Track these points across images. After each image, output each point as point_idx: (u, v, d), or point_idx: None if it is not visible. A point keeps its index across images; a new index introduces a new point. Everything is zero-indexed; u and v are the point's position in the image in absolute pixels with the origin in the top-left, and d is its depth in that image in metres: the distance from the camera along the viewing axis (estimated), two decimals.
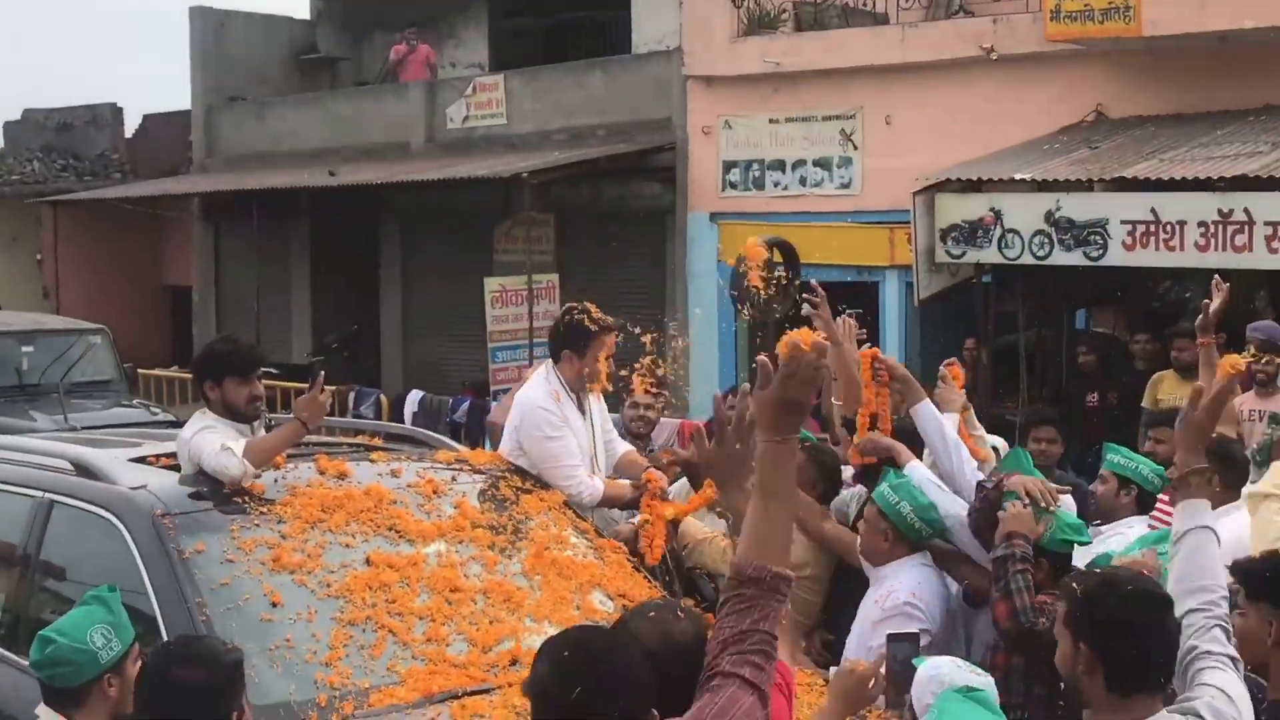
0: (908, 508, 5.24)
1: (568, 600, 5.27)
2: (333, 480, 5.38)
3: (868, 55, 14.29)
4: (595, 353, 6.06)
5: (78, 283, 23.23)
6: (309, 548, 5.05)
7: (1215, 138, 11.46)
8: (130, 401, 15.00)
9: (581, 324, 6.06)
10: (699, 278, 15.93)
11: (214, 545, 4.99)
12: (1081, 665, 3.44)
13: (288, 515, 5.14)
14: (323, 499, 5.23)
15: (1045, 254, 11.17)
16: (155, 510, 5.02)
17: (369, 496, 5.31)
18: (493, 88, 18.65)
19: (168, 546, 4.88)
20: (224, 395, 5.41)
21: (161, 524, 4.96)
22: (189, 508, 5.13)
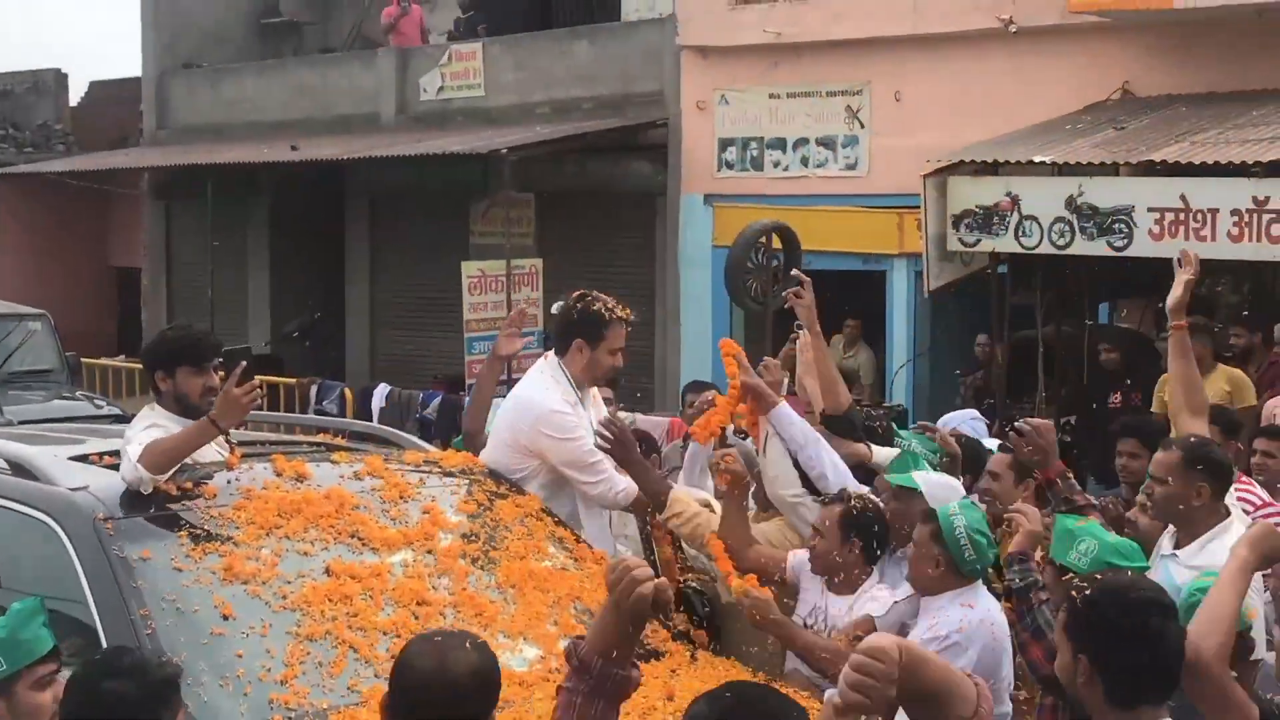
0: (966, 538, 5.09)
1: (544, 615, 5.26)
2: (291, 483, 5.35)
3: (877, 25, 14.31)
4: (609, 344, 6.05)
5: (16, 264, 23.17)
6: (264, 556, 5.03)
7: (1251, 119, 11.46)
8: (73, 393, 14.98)
9: (598, 311, 6.05)
10: (692, 264, 15.94)
11: (160, 552, 4.96)
12: (1081, 677, 3.50)
13: (241, 520, 5.11)
14: (279, 503, 5.20)
15: (1066, 243, 11.17)
16: (97, 514, 4.97)
17: (330, 501, 5.28)
18: (470, 56, 18.63)
19: (110, 553, 4.83)
20: (176, 387, 5.39)
21: (103, 529, 4.91)
22: (133, 511, 5.08)
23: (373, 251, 20.33)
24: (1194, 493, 5.29)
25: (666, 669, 5.26)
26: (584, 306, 6.10)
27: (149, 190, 22.68)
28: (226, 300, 20.79)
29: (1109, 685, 3.48)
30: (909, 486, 5.49)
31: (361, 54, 20.88)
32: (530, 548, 5.56)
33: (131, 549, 4.90)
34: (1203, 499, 5.30)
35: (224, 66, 22.17)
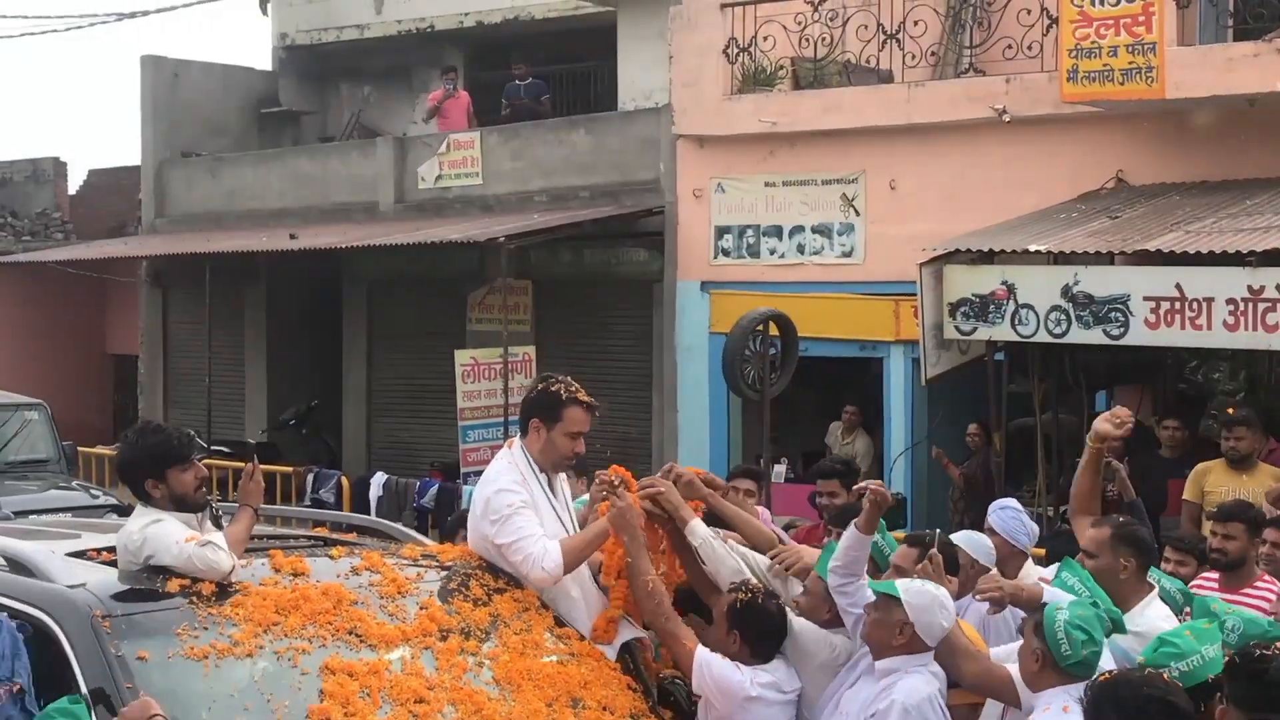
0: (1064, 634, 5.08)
1: (543, 713, 5.24)
2: (288, 578, 5.34)
3: (871, 115, 14.39)
4: (566, 427, 5.92)
5: (14, 352, 23.18)
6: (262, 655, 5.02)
7: (1245, 208, 11.50)
8: (69, 483, 14.96)
9: (555, 393, 5.96)
10: (689, 350, 15.94)
11: (158, 651, 4.93)
12: None
13: (239, 618, 5.10)
14: (277, 600, 5.19)
15: (1062, 331, 11.18)
16: (95, 611, 4.95)
17: (327, 597, 5.26)
18: (468, 145, 18.74)
19: (107, 652, 4.82)
20: (170, 489, 5.40)
21: (101, 626, 4.89)
22: (131, 609, 5.05)
23: (370, 339, 20.35)
24: (1120, 566, 5.88)
25: None
26: (543, 388, 6.05)
27: (147, 278, 22.73)
28: (223, 387, 20.82)
29: None
30: (891, 594, 5.45)
31: (360, 143, 21.00)
32: (529, 643, 5.52)
33: (129, 647, 4.88)
34: (1128, 572, 5.88)
35: (223, 155, 22.29)
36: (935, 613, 5.38)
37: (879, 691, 5.38)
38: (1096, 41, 12.06)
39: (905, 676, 5.36)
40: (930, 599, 5.44)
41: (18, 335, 23.54)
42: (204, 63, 23.34)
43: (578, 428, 5.96)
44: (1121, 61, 11.99)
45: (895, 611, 5.39)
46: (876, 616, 5.49)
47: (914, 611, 5.36)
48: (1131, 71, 11.97)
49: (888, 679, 5.39)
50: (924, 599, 5.42)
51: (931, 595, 5.47)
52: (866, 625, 5.55)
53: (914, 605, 5.37)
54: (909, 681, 5.33)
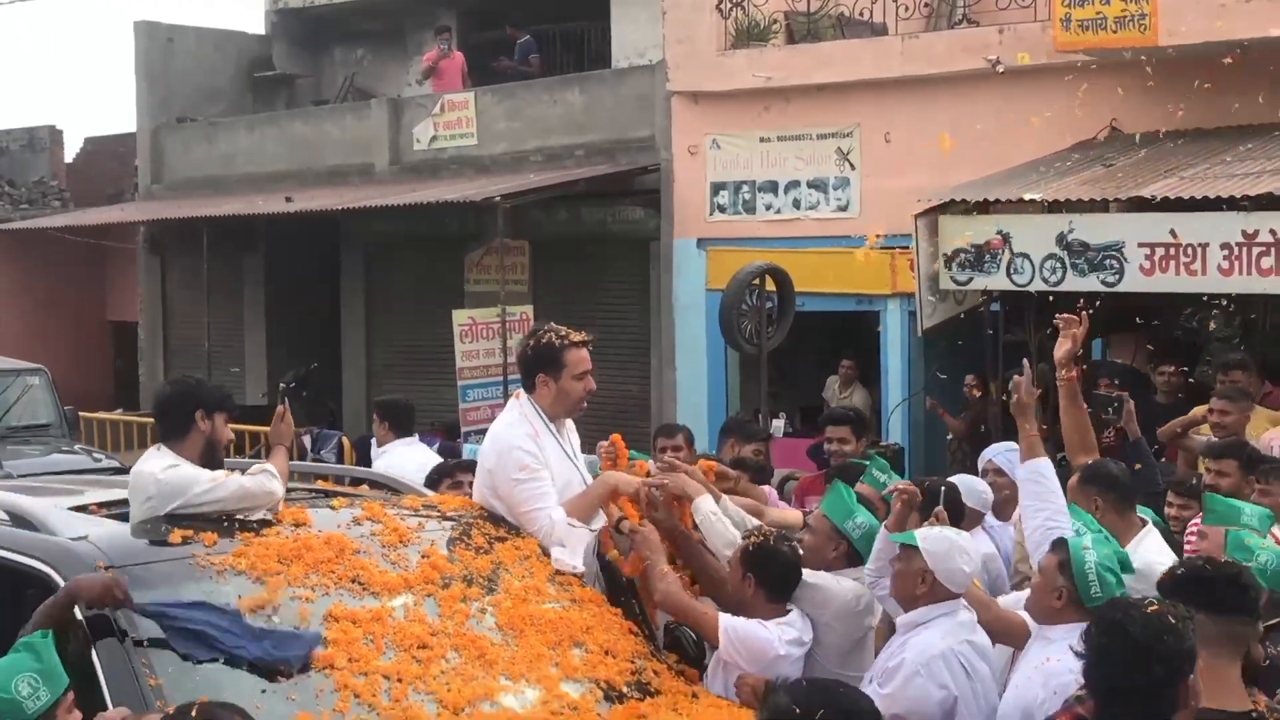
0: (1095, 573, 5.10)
1: (545, 657, 5.25)
2: (290, 529, 5.35)
3: (865, 69, 14.39)
4: (571, 371, 5.98)
5: (14, 319, 23.19)
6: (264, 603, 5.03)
7: (1238, 154, 11.52)
8: (71, 447, 14.99)
9: (549, 343, 6.00)
10: (686, 308, 15.96)
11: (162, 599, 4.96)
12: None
13: (242, 566, 5.12)
14: (279, 549, 5.19)
15: (1058, 280, 11.20)
16: (97, 563, 4.97)
17: (329, 546, 5.27)
18: (462, 106, 18.71)
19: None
20: (214, 430, 5.47)
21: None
22: (134, 560, 5.06)
23: (368, 301, 20.37)
24: (1092, 506, 6.05)
25: (668, 705, 5.26)
26: (536, 341, 6.06)
27: (145, 244, 22.72)
28: (223, 352, 20.83)
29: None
30: (910, 544, 5.48)
31: (354, 105, 20.97)
32: (531, 590, 5.53)
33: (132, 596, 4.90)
34: (1101, 510, 6.05)
35: (218, 120, 22.25)
36: (955, 558, 5.38)
37: (896, 646, 5.39)
38: None
39: (923, 631, 5.35)
40: (949, 545, 5.45)
41: (17, 303, 23.54)
42: (197, 28, 23.29)
43: (583, 368, 6.01)
44: (1114, 9, 12.00)
45: (915, 561, 5.40)
46: (899, 568, 5.51)
47: (933, 559, 5.36)
48: (1124, 19, 11.98)
49: (908, 634, 5.39)
50: (942, 545, 5.43)
51: (950, 541, 5.48)
52: (893, 580, 5.56)
53: (932, 553, 5.38)
54: (922, 638, 5.32)
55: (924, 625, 5.37)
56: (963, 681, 5.24)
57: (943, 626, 5.34)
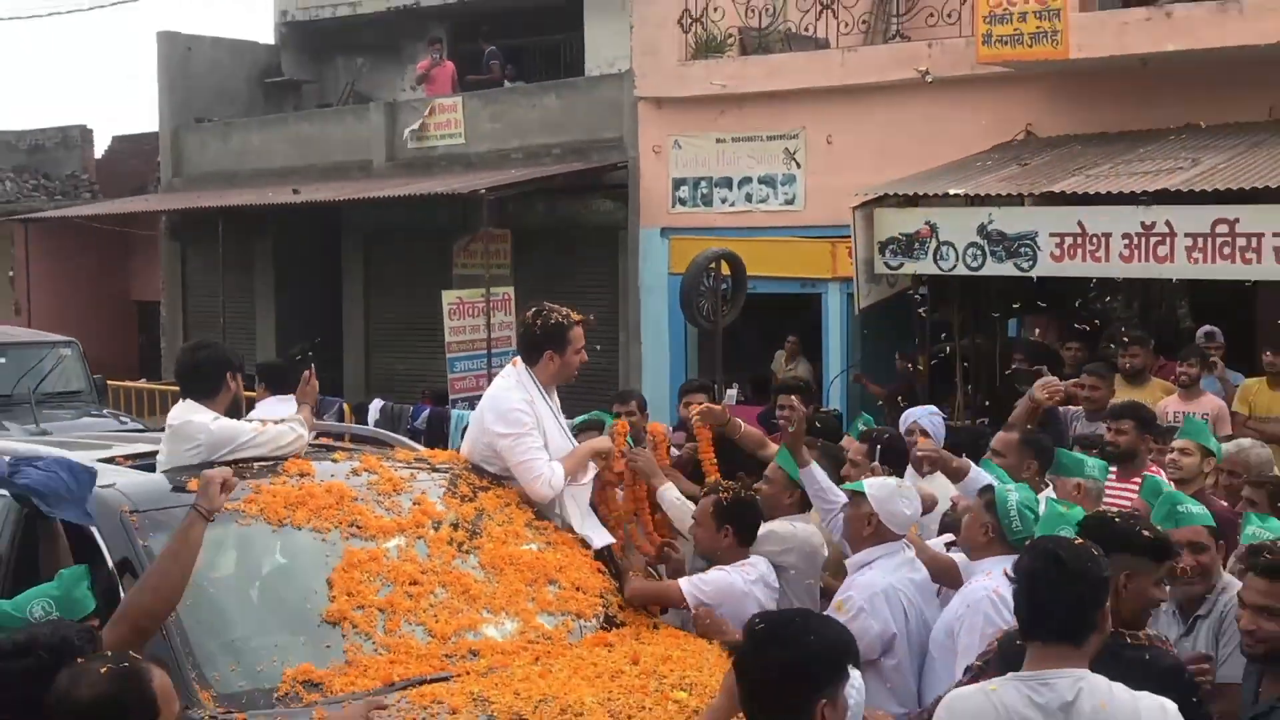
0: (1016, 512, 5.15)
1: (523, 593, 5.27)
2: (295, 478, 5.34)
3: (809, 78, 14.37)
4: (574, 347, 6.02)
5: (49, 298, 23.05)
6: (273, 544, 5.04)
7: (1138, 154, 11.54)
8: (100, 411, 14.90)
9: (557, 322, 6.01)
10: (651, 290, 15.96)
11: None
12: None
13: (252, 512, 5.11)
14: (286, 496, 5.19)
15: (978, 265, 11.21)
16: (123, 507, 4.96)
17: (330, 494, 5.26)
18: (451, 109, 18.63)
19: (135, 542, 4.83)
20: (239, 388, 5.56)
21: (129, 521, 4.90)
22: (156, 505, 5.05)
23: (366, 283, 20.29)
24: (1024, 466, 6.27)
25: (631, 635, 5.28)
26: (544, 320, 6.04)
27: (166, 231, 22.59)
28: (236, 328, 20.71)
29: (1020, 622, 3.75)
30: (858, 491, 5.51)
31: (355, 108, 20.85)
32: (510, 533, 5.54)
33: (154, 538, 4.88)
34: (1030, 472, 6.25)
35: (232, 121, 22.10)
36: (896, 501, 5.41)
37: (845, 584, 5.40)
38: (1008, 8, 12.06)
39: (868, 571, 5.35)
40: (891, 490, 5.48)
41: (53, 283, 23.37)
42: (214, 38, 23.09)
43: (581, 343, 6.07)
44: (1030, 26, 12.00)
45: (862, 505, 5.43)
46: (848, 513, 5.54)
47: (877, 502, 5.39)
48: (1039, 35, 11.98)
49: (855, 573, 5.40)
50: (885, 490, 5.47)
51: (892, 487, 5.52)
52: (844, 524, 5.58)
53: (876, 497, 5.41)
54: (866, 576, 5.33)
55: (869, 565, 5.38)
56: (900, 619, 5.25)
57: (886, 565, 5.36)
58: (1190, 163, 10.92)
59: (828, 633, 3.44)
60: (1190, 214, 10.26)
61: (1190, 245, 10.23)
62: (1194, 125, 12.04)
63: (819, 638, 3.38)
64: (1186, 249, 10.25)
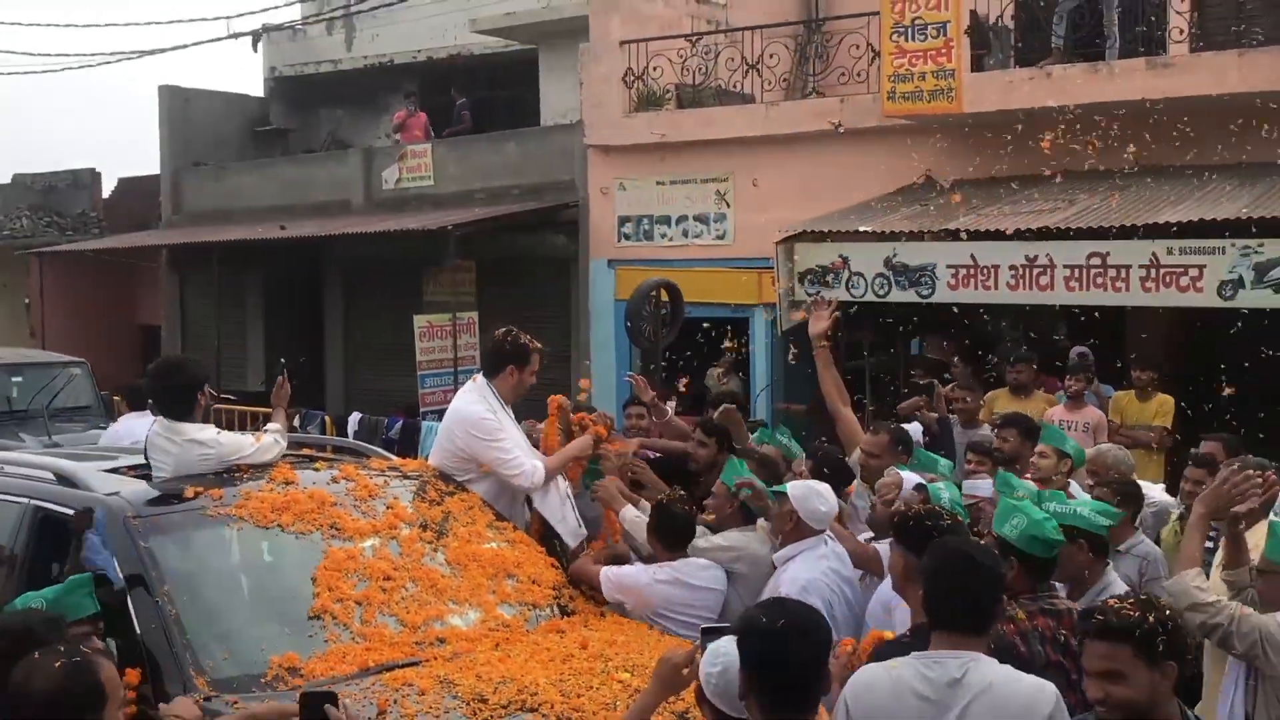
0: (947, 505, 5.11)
1: (485, 586, 5.26)
2: (281, 486, 5.31)
3: (738, 128, 14.41)
4: (531, 368, 6.07)
5: (61, 323, 22.73)
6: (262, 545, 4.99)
7: (1024, 196, 11.63)
8: (106, 425, 14.66)
9: (524, 343, 6.08)
10: (599, 314, 15.93)
11: (180, 543, 4.91)
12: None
13: (243, 516, 5.07)
14: (272, 502, 5.17)
15: (885, 293, 11.26)
16: (127, 513, 4.93)
17: (313, 499, 5.25)
18: (422, 154, 18.54)
19: (137, 545, 4.79)
20: (207, 404, 5.52)
21: (132, 525, 4.86)
22: (156, 511, 5.03)
23: (346, 309, 20.14)
24: (897, 462, 6.21)
25: (580, 623, 5.27)
26: (513, 339, 6.09)
27: (167, 263, 22.32)
28: (229, 349, 20.51)
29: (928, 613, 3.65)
30: (781, 492, 5.49)
31: (336, 153, 20.71)
32: (474, 533, 5.55)
33: (155, 541, 4.84)
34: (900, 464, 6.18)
35: (226, 165, 21.88)
36: (814, 500, 5.38)
37: (774, 579, 5.34)
38: (910, 69, 12.15)
39: (793, 563, 5.31)
40: (809, 490, 5.45)
41: (65, 310, 23.04)
42: (209, 90, 22.88)
43: (537, 366, 6.15)
44: (929, 84, 12.10)
45: (785, 504, 5.40)
46: (775, 511, 5.50)
47: (797, 501, 5.36)
48: (936, 92, 12.07)
49: (782, 567, 5.35)
50: (804, 491, 5.44)
51: (810, 488, 5.48)
52: (774, 520, 5.52)
53: (796, 497, 5.38)
54: (790, 571, 5.29)
55: (792, 559, 5.34)
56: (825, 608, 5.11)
57: (808, 558, 5.32)
58: (1068, 204, 11.02)
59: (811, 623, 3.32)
60: (1068, 248, 10.34)
61: (1068, 275, 10.29)
62: (1071, 171, 12.14)
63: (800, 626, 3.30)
64: (1065, 279, 10.31)
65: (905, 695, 3.49)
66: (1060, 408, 9.47)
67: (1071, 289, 10.32)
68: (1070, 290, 10.34)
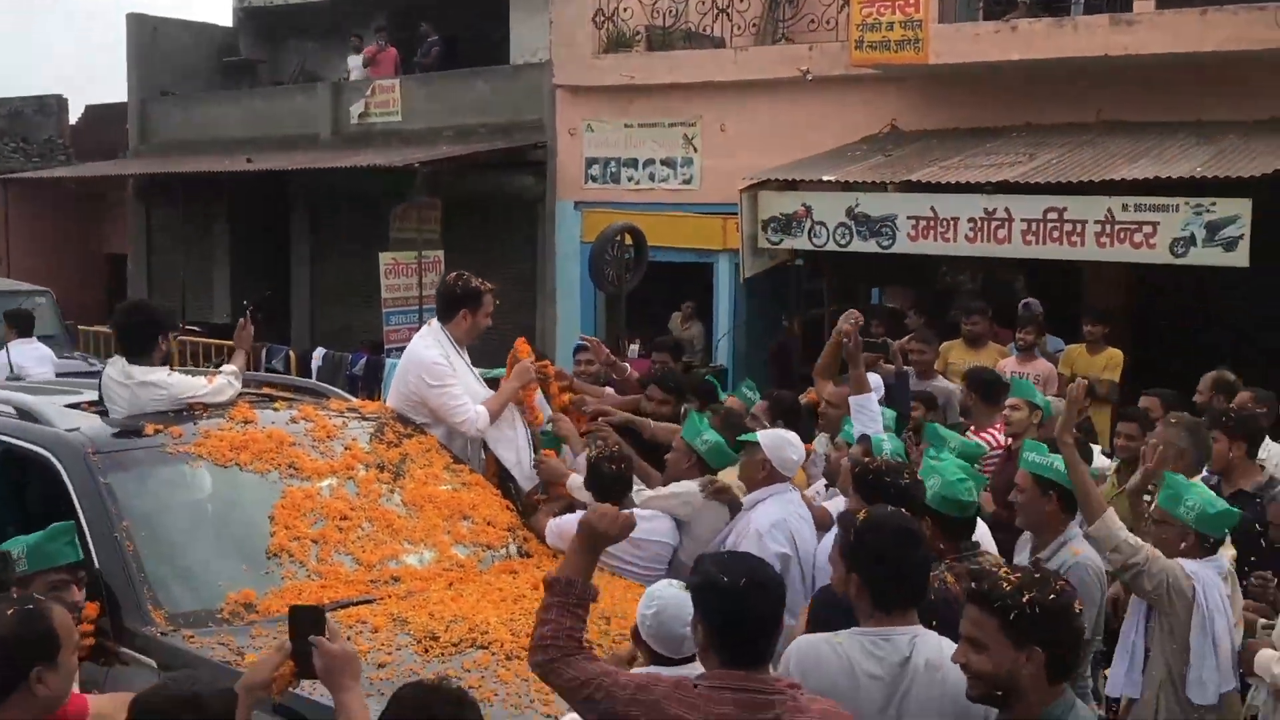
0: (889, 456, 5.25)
1: (440, 527, 5.32)
2: (240, 424, 5.35)
3: (707, 73, 14.38)
4: (485, 310, 6.07)
5: (26, 251, 22.51)
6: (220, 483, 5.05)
7: (985, 149, 11.67)
8: (71, 354, 14.64)
9: (476, 286, 6.07)
10: (565, 256, 15.95)
11: (138, 479, 4.96)
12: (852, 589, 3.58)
13: (202, 454, 5.12)
14: (231, 440, 5.21)
15: (846, 242, 11.30)
16: (87, 449, 4.96)
17: (271, 439, 5.29)
18: (390, 90, 18.41)
19: (97, 480, 4.83)
20: (169, 345, 5.48)
21: (92, 461, 4.90)
22: (116, 447, 5.06)
23: (312, 244, 20.05)
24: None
25: (534, 564, 5.36)
26: (464, 282, 6.10)
27: (134, 193, 22.12)
28: (195, 281, 20.44)
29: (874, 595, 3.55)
30: (752, 441, 5.55)
31: (304, 86, 20.52)
32: (430, 475, 5.59)
33: (114, 476, 4.88)
34: None
35: (194, 95, 21.66)
36: (785, 449, 5.46)
37: (743, 520, 5.40)
38: (878, 18, 12.14)
39: (762, 505, 5.38)
40: (780, 439, 5.52)
41: (31, 238, 22.81)
42: (178, 20, 22.60)
43: (491, 308, 6.14)
44: (896, 34, 12.09)
45: (756, 452, 5.47)
46: (743, 459, 5.56)
47: (769, 449, 5.44)
48: (904, 42, 12.07)
49: (750, 510, 5.41)
50: (776, 439, 5.52)
51: (782, 436, 5.56)
52: (741, 469, 5.58)
53: (768, 445, 5.46)
54: (763, 510, 5.35)
55: (762, 501, 5.41)
56: (790, 546, 5.30)
57: (777, 502, 5.39)
58: (1028, 158, 11.07)
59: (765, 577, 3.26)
60: (1026, 202, 10.41)
61: (1025, 229, 10.38)
62: (1032, 125, 12.22)
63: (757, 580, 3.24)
64: (1022, 233, 10.39)
65: (859, 676, 3.46)
66: (1012, 359, 9.59)
67: (1028, 243, 10.41)
68: (1027, 244, 10.42)
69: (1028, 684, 3.06)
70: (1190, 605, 4.47)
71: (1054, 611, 3.05)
